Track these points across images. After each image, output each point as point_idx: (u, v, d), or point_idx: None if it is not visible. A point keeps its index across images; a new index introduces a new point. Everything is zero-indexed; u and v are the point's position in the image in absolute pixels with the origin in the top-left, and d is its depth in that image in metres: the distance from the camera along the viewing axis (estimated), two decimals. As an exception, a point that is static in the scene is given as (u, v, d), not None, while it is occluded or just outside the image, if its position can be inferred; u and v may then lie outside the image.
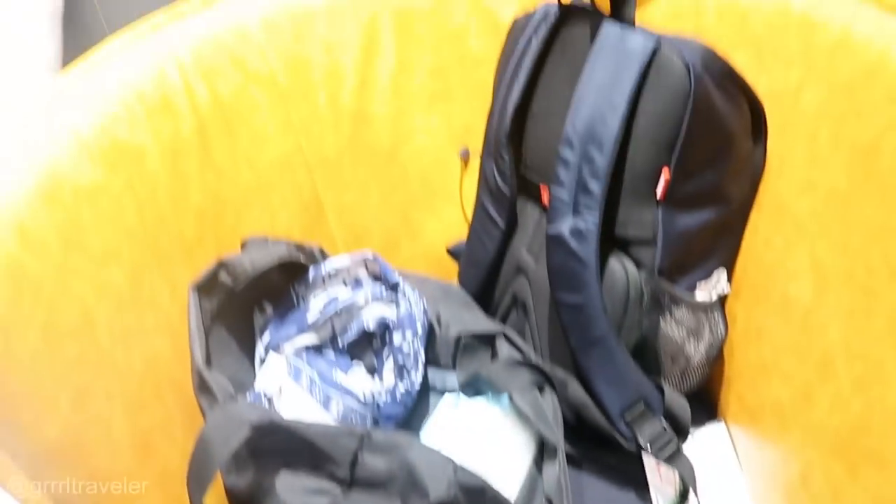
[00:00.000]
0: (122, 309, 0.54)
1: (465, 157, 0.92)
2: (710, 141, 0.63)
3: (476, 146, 0.85)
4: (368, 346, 0.68)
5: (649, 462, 0.68)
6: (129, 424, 0.51)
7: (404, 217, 0.93)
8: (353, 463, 0.53)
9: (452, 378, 0.69)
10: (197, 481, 0.51)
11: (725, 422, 0.74)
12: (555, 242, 0.64)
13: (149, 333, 0.56)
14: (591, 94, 0.62)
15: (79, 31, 0.95)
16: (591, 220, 0.62)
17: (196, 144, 0.69)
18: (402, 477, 0.51)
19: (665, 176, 0.62)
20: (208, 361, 0.59)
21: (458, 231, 0.93)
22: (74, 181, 0.53)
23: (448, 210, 0.95)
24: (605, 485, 0.70)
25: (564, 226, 0.63)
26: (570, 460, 0.62)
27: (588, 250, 0.62)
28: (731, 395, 0.73)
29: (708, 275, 0.69)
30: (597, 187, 0.61)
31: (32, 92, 0.87)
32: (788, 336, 0.63)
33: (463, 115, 0.91)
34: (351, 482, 0.53)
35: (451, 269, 0.91)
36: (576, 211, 0.63)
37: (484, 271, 0.80)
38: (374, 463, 0.52)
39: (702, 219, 0.66)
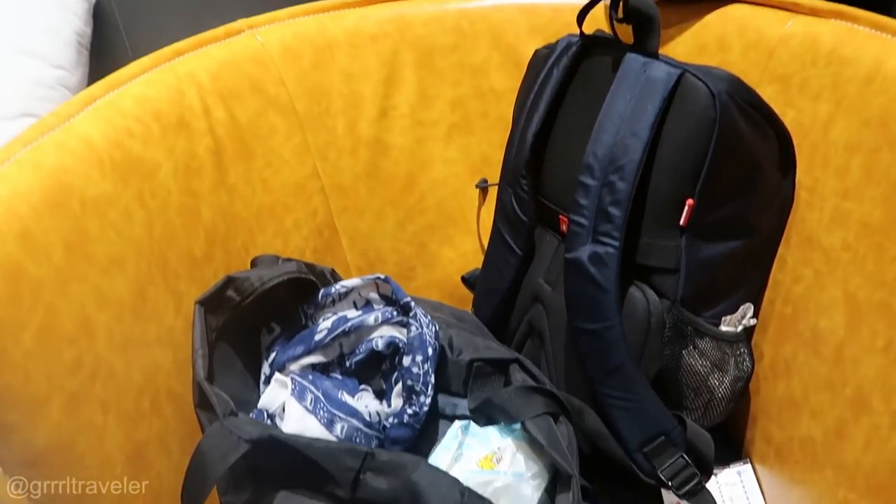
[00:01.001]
0: (124, 319, 0.53)
1: (484, 189, 0.92)
2: (735, 170, 0.61)
3: (494, 178, 0.84)
4: (377, 369, 0.66)
5: (669, 498, 0.64)
6: (123, 435, 0.50)
7: (420, 245, 0.92)
8: (355, 483, 0.50)
9: (463, 405, 0.66)
10: (191, 497, 0.49)
11: (751, 461, 0.70)
12: (573, 268, 0.62)
13: (150, 346, 0.55)
14: (612, 122, 0.61)
15: (106, 60, 0.97)
16: (611, 247, 0.60)
17: (210, 164, 0.69)
18: (405, 498, 0.49)
19: (689, 203, 0.61)
20: (210, 377, 0.57)
21: (473, 261, 0.92)
22: (83, 190, 0.53)
23: (464, 240, 0.94)
24: (623, 523, 0.66)
25: (583, 252, 0.61)
26: (585, 495, 0.59)
27: (608, 276, 0.60)
28: (757, 432, 0.69)
29: (734, 309, 0.67)
30: (618, 213, 0.60)
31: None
32: (819, 371, 0.60)
33: (482, 146, 0.91)
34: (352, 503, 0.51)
35: (465, 299, 0.89)
36: (595, 238, 0.61)
37: (499, 299, 0.78)
38: (376, 484, 0.50)
39: (727, 249, 0.64)
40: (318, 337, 0.63)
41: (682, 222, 0.61)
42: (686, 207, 0.61)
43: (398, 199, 0.90)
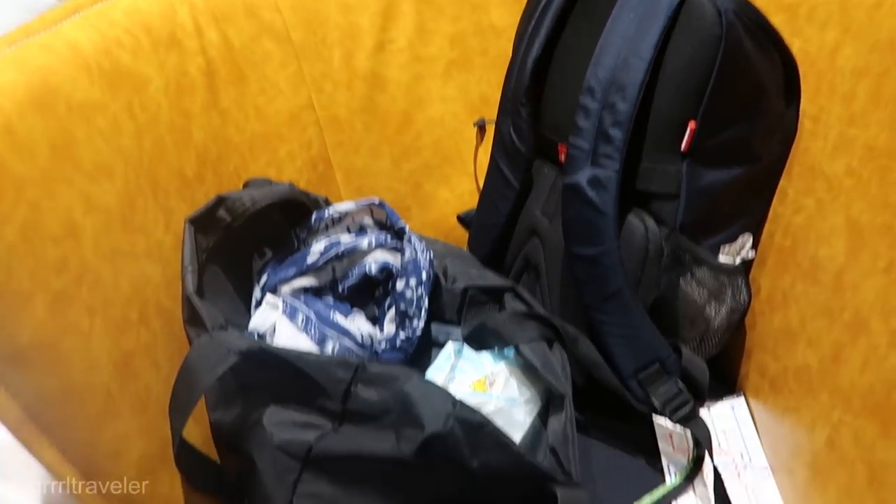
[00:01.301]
0: (112, 227, 0.51)
1: (481, 128, 0.90)
2: (740, 92, 0.60)
3: (492, 118, 0.83)
4: (370, 296, 0.65)
5: (661, 429, 0.64)
6: (110, 342, 0.49)
7: (415, 185, 0.91)
8: (346, 395, 0.49)
9: (457, 333, 0.66)
10: (178, 407, 0.49)
11: (745, 395, 0.70)
12: (571, 192, 0.61)
13: (139, 257, 0.54)
14: (615, 43, 0.59)
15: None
16: (611, 169, 0.59)
17: (202, 84, 0.68)
18: (396, 409, 0.48)
19: (690, 126, 0.59)
20: (200, 294, 0.56)
21: (469, 202, 0.91)
22: (69, 94, 0.51)
23: (460, 181, 0.92)
24: (614, 452, 0.66)
25: (582, 176, 0.60)
26: (578, 426, 0.59)
27: (607, 200, 0.59)
28: (752, 365, 0.69)
29: (733, 238, 0.66)
30: (618, 135, 0.58)
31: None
32: (818, 299, 0.59)
33: (480, 85, 0.89)
34: (342, 416, 0.50)
35: (461, 241, 0.88)
36: (595, 161, 0.60)
37: (495, 234, 0.77)
38: (367, 395, 0.49)
39: (728, 176, 0.62)
40: (310, 260, 0.62)
41: (683, 147, 0.60)
42: (688, 131, 0.59)
43: (394, 137, 0.88)
